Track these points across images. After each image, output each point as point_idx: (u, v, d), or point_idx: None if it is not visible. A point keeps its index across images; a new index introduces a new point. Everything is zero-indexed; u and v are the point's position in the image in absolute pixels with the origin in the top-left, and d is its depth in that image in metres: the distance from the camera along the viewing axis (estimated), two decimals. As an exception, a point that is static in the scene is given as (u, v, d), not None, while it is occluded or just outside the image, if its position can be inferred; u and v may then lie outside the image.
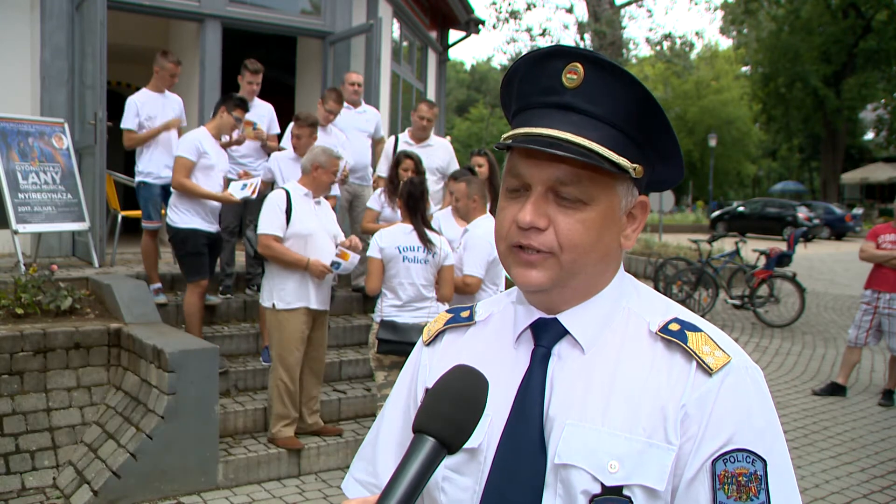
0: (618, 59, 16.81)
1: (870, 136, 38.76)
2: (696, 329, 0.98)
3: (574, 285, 1.00)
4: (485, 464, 0.98)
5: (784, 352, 8.41)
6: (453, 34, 13.15)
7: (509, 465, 0.97)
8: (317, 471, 4.69)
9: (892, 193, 29.70)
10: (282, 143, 6.10)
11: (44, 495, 4.25)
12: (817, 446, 5.41)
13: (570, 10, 28.87)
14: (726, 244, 12.04)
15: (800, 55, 32.41)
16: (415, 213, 4.29)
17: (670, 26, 59.44)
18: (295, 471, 4.63)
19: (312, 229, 4.56)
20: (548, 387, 0.99)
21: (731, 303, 10.07)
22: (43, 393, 4.56)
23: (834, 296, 12.35)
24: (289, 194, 4.57)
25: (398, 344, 4.14)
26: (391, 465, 1.08)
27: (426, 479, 0.80)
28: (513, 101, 1.04)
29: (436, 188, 6.03)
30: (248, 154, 6.09)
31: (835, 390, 6.74)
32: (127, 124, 5.64)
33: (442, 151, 6.34)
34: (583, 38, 18.12)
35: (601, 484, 0.92)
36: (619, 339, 1.00)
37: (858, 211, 29.38)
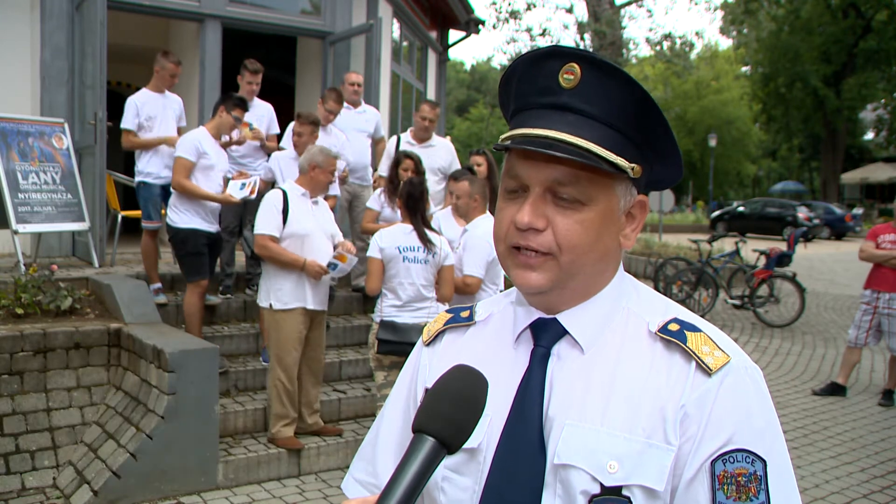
0: (618, 59, 16.81)
1: (870, 136, 38.77)
2: (695, 329, 0.98)
3: (573, 286, 0.99)
4: (484, 464, 0.98)
5: (784, 352, 8.41)
6: (453, 34, 13.15)
7: (508, 465, 0.97)
8: (317, 471, 4.69)
9: (892, 193, 29.71)
10: (282, 143, 6.10)
11: (44, 495, 4.25)
12: (817, 446, 5.41)
13: (570, 10, 28.86)
14: (726, 244, 12.04)
15: (800, 55, 32.41)
16: (414, 213, 4.29)
17: (670, 26, 59.46)
18: (295, 471, 4.63)
19: (309, 229, 4.56)
20: (547, 387, 0.99)
21: (731, 303, 10.07)
22: (43, 393, 4.56)
23: (834, 296, 12.35)
24: (286, 194, 4.57)
25: (398, 344, 4.14)
26: (391, 465, 1.08)
27: (426, 478, 0.80)
28: (511, 102, 1.03)
29: (437, 188, 6.03)
30: (247, 154, 6.08)
31: (835, 390, 6.74)
32: (126, 125, 5.64)
33: (444, 152, 6.34)
34: (583, 39, 18.11)
35: (600, 484, 0.92)
36: (618, 340, 1.00)
37: (858, 211, 29.38)
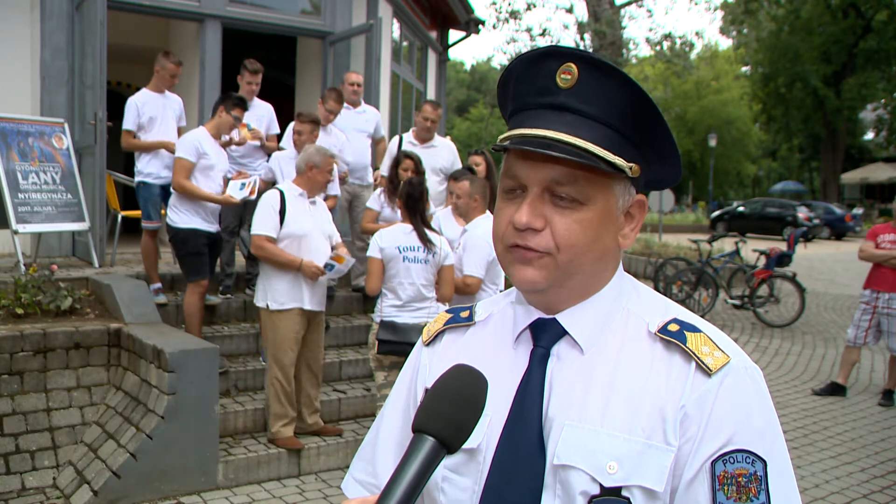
0: (618, 59, 16.79)
1: (870, 136, 38.77)
2: (695, 329, 0.98)
3: (571, 285, 0.99)
4: (484, 464, 0.98)
5: (784, 352, 8.41)
6: (453, 34, 13.15)
7: (508, 465, 0.97)
8: (317, 471, 4.69)
9: (892, 193, 29.68)
10: (282, 143, 6.10)
11: (44, 495, 4.25)
12: (817, 446, 5.41)
13: (570, 10, 28.74)
14: (726, 244, 12.04)
15: (800, 55, 32.41)
16: (414, 213, 4.29)
17: (670, 26, 59.28)
18: (295, 471, 4.63)
19: (307, 230, 4.56)
20: (547, 387, 0.98)
21: (731, 303, 10.07)
22: (43, 393, 4.56)
23: (834, 296, 12.35)
24: (283, 194, 4.56)
25: (398, 344, 4.13)
26: (391, 465, 1.08)
27: (426, 478, 0.80)
28: (509, 102, 1.04)
29: (439, 189, 6.03)
30: (247, 154, 6.08)
31: (835, 390, 6.74)
32: (127, 125, 5.64)
33: (446, 152, 6.35)
34: (583, 38, 18.09)
35: (600, 485, 0.91)
36: (618, 340, 1.00)
37: (858, 211, 29.38)
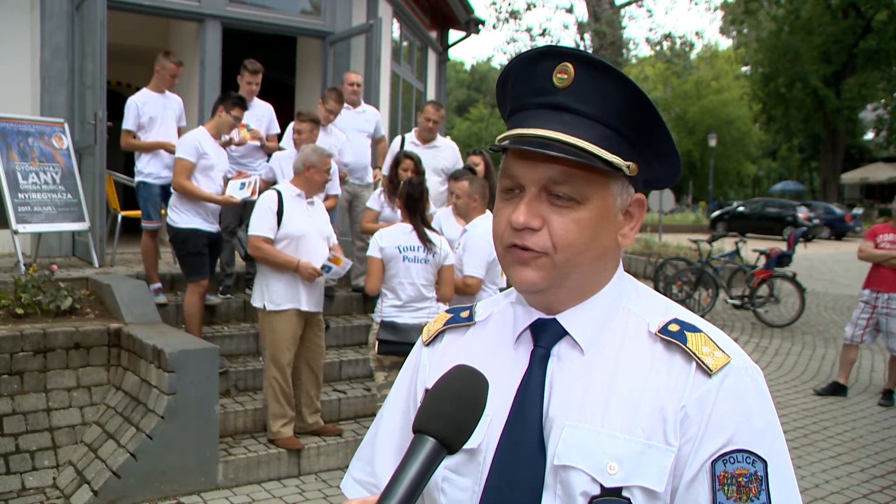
0: (618, 59, 16.80)
1: (870, 136, 38.78)
2: (695, 330, 0.98)
3: (570, 285, 0.99)
4: (484, 464, 0.98)
5: (784, 352, 8.41)
6: (453, 34, 13.15)
7: (508, 465, 0.96)
8: (317, 471, 4.69)
9: (892, 193, 29.69)
10: (283, 143, 6.10)
11: (44, 495, 4.25)
12: (817, 446, 5.41)
13: (570, 10, 28.77)
14: (726, 244, 12.04)
15: (800, 55, 32.41)
16: (414, 213, 4.29)
17: (670, 26, 59.38)
18: (295, 471, 4.63)
19: (305, 231, 4.55)
20: (547, 388, 0.98)
21: (731, 303, 10.07)
22: (43, 393, 4.56)
23: (834, 296, 12.35)
24: (280, 195, 4.56)
25: (399, 345, 4.13)
26: (389, 465, 1.09)
27: (426, 479, 0.80)
28: (507, 102, 1.04)
29: (441, 189, 6.02)
30: (247, 154, 6.08)
31: (836, 390, 6.74)
32: (127, 126, 5.64)
33: (448, 152, 6.35)
34: (583, 38, 18.10)
35: (600, 485, 0.91)
36: (618, 340, 1.00)
37: (858, 211, 29.38)
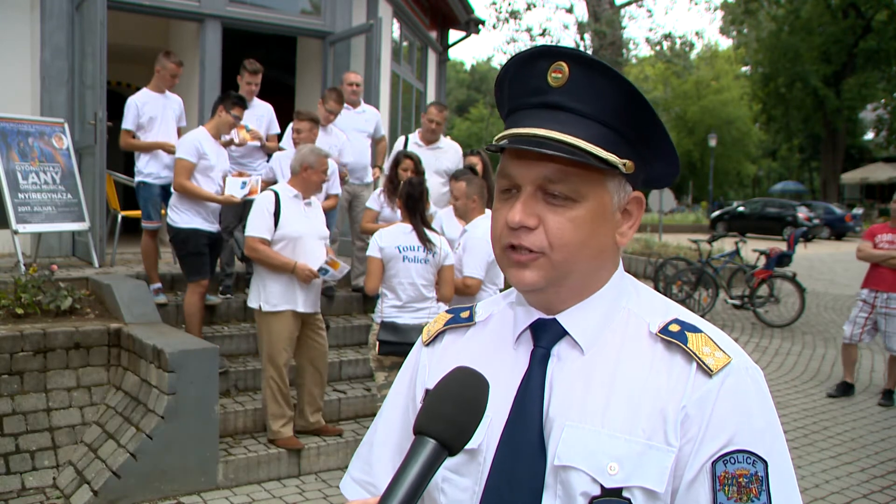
0: (618, 59, 16.80)
1: (870, 136, 38.76)
2: (696, 330, 0.98)
3: (569, 284, 0.99)
4: (484, 465, 0.98)
5: (784, 352, 8.41)
6: (453, 34, 13.15)
7: (508, 466, 0.97)
8: (317, 471, 4.69)
9: (892, 193, 29.67)
10: (282, 143, 6.10)
11: (44, 495, 4.25)
12: (817, 446, 5.41)
13: (570, 10, 28.84)
14: (726, 244, 12.04)
15: (800, 55, 32.41)
16: (414, 213, 4.29)
17: (670, 26, 59.43)
18: (295, 471, 4.63)
19: (302, 232, 4.54)
20: (547, 388, 0.98)
21: (731, 303, 10.06)
22: (43, 393, 4.56)
23: (834, 296, 12.35)
24: (277, 196, 4.56)
25: (399, 345, 4.13)
26: (388, 465, 1.09)
27: (427, 480, 0.80)
28: (505, 103, 1.04)
29: (443, 190, 6.02)
30: (247, 154, 6.08)
31: (846, 390, 6.76)
32: (126, 125, 5.64)
33: (451, 153, 6.35)
34: (583, 38, 18.11)
35: (600, 486, 0.91)
36: (618, 340, 1.00)
37: (858, 211, 29.37)
